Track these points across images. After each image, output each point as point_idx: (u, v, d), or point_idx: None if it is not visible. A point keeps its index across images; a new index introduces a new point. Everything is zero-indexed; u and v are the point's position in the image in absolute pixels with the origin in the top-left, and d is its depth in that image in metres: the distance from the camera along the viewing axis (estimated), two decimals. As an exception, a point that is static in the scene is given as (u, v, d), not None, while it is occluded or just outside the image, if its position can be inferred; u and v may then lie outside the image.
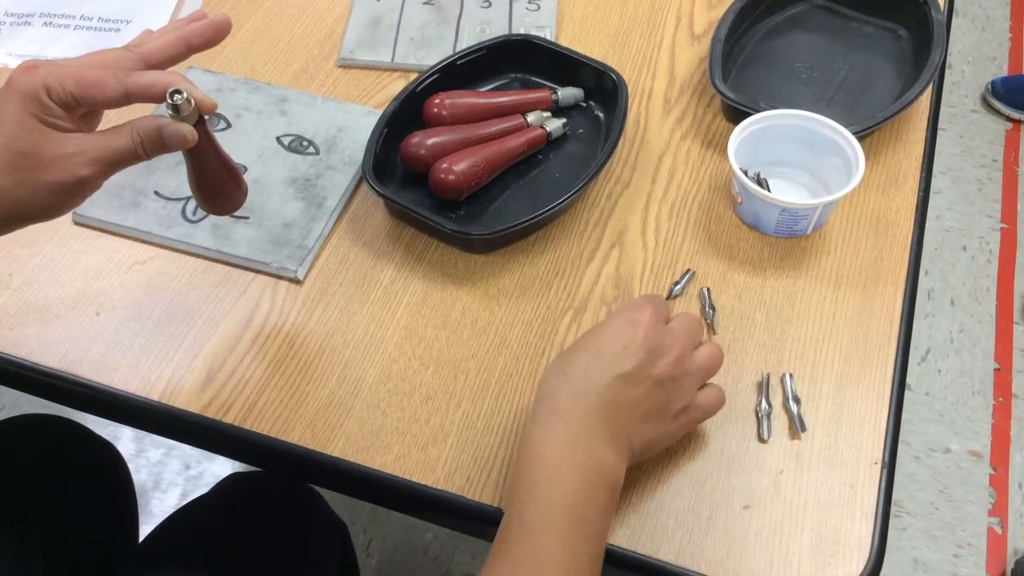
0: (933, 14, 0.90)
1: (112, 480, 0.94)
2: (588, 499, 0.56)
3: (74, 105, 0.56)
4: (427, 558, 1.53)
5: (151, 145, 0.58)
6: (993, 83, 2.17)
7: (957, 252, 1.95)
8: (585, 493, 0.56)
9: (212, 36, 0.62)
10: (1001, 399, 1.75)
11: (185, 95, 0.57)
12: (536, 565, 0.54)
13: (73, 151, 0.56)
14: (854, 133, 0.79)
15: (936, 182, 2.05)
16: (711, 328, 0.75)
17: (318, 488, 0.91)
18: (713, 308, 0.76)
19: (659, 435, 0.63)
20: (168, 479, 1.63)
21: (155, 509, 1.59)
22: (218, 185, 0.65)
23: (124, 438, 1.65)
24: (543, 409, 0.60)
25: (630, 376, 0.60)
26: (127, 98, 0.57)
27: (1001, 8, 2.42)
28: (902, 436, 1.67)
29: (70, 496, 0.87)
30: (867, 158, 0.79)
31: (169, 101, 0.57)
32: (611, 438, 0.59)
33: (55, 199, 0.57)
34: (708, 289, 0.77)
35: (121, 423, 0.75)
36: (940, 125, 2.14)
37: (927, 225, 0.84)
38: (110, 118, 0.62)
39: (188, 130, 0.58)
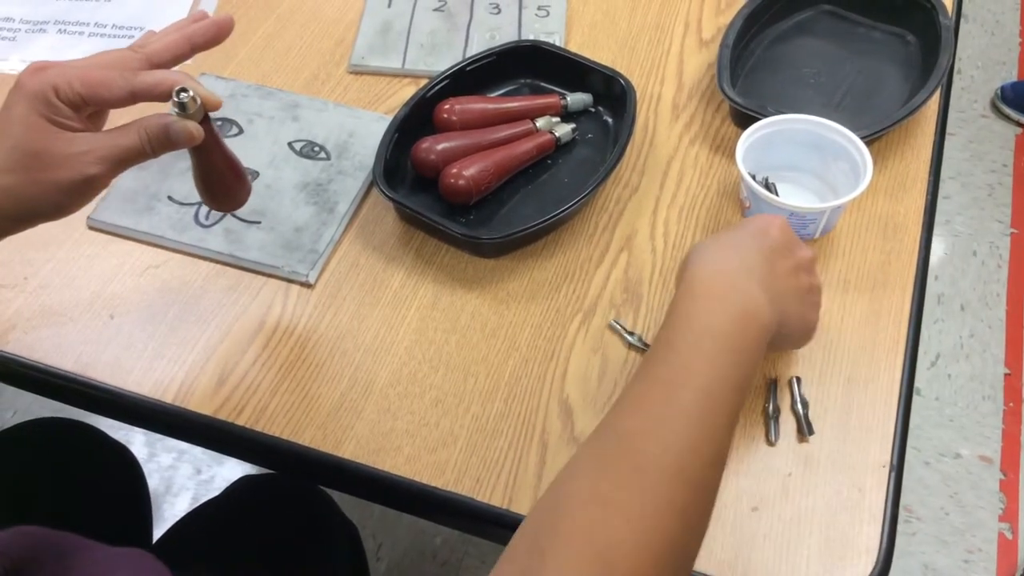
0: (941, 19, 0.90)
1: (126, 482, 0.95)
2: (739, 330, 0.56)
3: (82, 105, 0.57)
4: (436, 563, 1.54)
5: (158, 143, 0.59)
6: (1003, 88, 2.17)
7: (967, 257, 1.94)
8: (737, 324, 0.56)
9: (215, 35, 0.62)
10: (1011, 404, 1.74)
11: (191, 93, 0.58)
12: (678, 379, 0.53)
13: (82, 150, 0.57)
14: (862, 138, 0.79)
15: (946, 187, 2.04)
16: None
17: (329, 491, 0.92)
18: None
19: (797, 313, 0.64)
20: (179, 483, 1.63)
21: (166, 513, 1.60)
22: (223, 182, 0.66)
23: (136, 443, 1.66)
24: (696, 260, 0.60)
25: (774, 253, 0.62)
26: (133, 97, 0.58)
27: (1011, 13, 2.42)
28: (912, 441, 1.67)
29: (84, 498, 0.88)
30: (875, 163, 0.79)
31: (175, 99, 0.58)
32: (766, 287, 0.59)
33: (65, 198, 0.58)
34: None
35: (134, 425, 0.75)
36: (950, 130, 2.14)
37: (937, 230, 0.84)
38: (115, 118, 0.62)
39: (194, 127, 0.59)
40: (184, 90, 0.58)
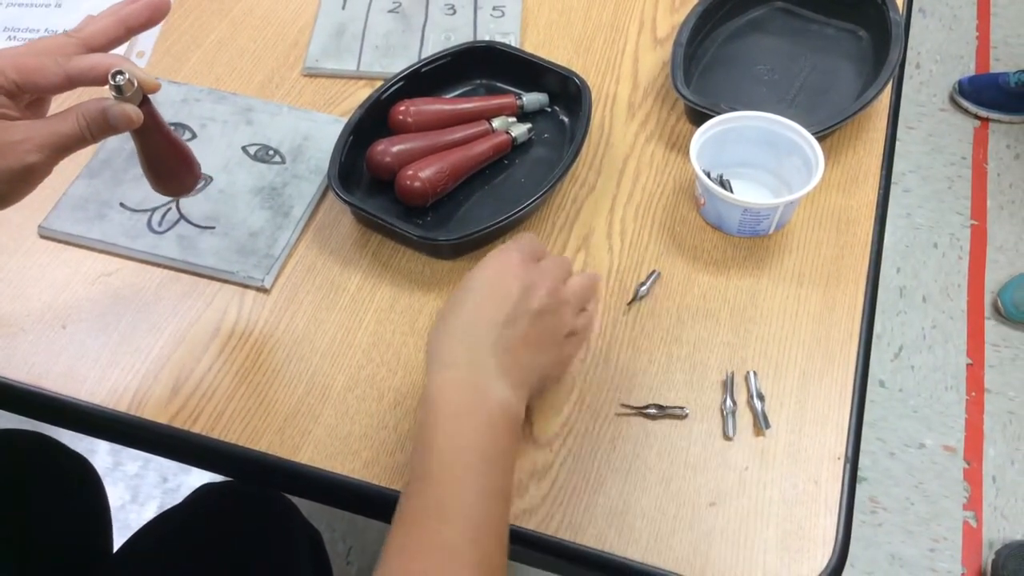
0: (891, 15, 0.91)
1: (84, 493, 0.94)
2: (489, 441, 0.57)
3: (17, 93, 0.57)
4: (407, 565, 1.53)
5: (97, 128, 0.58)
6: (960, 82, 2.19)
7: (928, 249, 1.96)
8: (485, 436, 0.57)
9: (150, 17, 0.62)
10: (973, 394, 1.76)
11: (127, 76, 0.57)
12: (439, 511, 0.54)
13: (19, 138, 0.56)
14: (814, 133, 0.80)
15: (906, 180, 2.07)
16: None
17: (292, 496, 0.91)
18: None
19: (551, 363, 0.65)
20: (145, 492, 1.62)
21: (132, 522, 1.58)
22: (168, 165, 0.65)
23: (100, 451, 1.64)
24: (435, 364, 0.61)
25: (511, 317, 0.61)
26: (69, 82, 0.57)
27: (968, 7, 2.45)
28: (877, 432, 1.69)
29: (41, 510, 0.87)
30: (828, 158, 0.80)
31: (112, 82, 0.57)
32: (506, 376, 0.60)
33: (5, 187, 0.57)
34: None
35: (89, 435, 0.75)
36: (910, 124, 2.17)
37: (898, 223, 0.85)
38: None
39: (133, 110, 0.58)
40: (120, 72, 0.57)
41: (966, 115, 2.20)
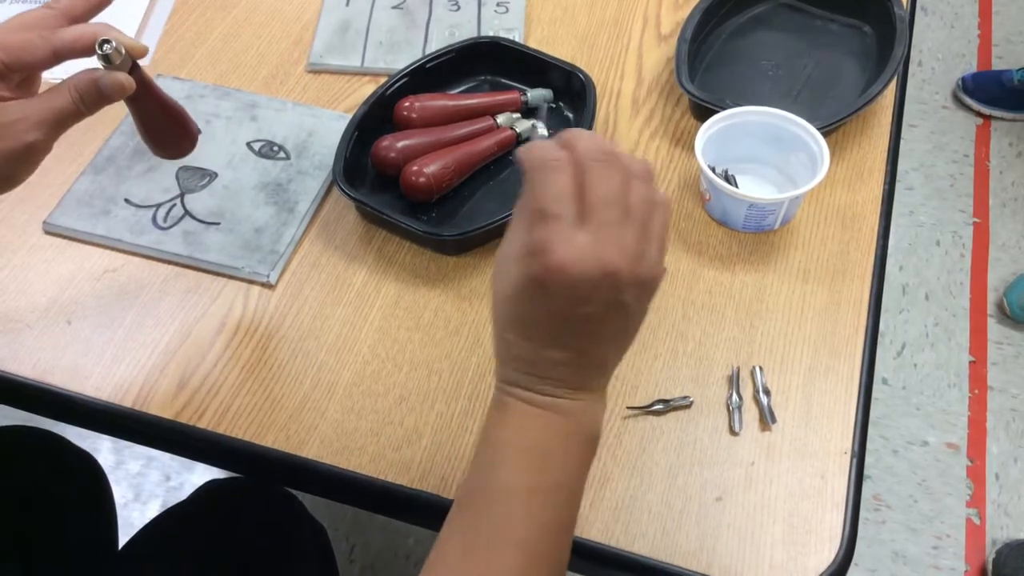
0: (896, 10, 0.91)
1: (90, 489, 0.93)
2: (577, 473, 0.52)
3: (6, 72, 0.56)
4: (410, 563, 1.53)
5: (91, 99, 0.58)
6: (963, 79, 2.19)
7: (931, 247, 1.96)
8: (582, 467, 0.52)
9: None
10: (976, 391, 1.76)
11: (114, 44, 0.57)
12: (499, 538, 0.49)
13: (15, 118, 0.56)
14: (819, 129, 0.80)
15: (909, 178, 2.07)
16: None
17: (298, 493, 0.91)
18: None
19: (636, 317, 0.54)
20: (148, 491, 1.62)
21: (135, 521, 1.57)
22: (164, 129, 0.65)
23: (103, 450, 1.64)
24: (532, 377, 0.51)
25: (630, 335, 0.53)
26: (56, 56, 0.57)
27: (969, 6, 2.45)
28: (880, 430, 1.69)
29: (47, 506, 0.87)
30: (833, 153, 0.80)
31: (99, 52, 0.57)
32: (604, 397, 0.54)
33: (8, 168, 0.57)
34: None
35: (94, 430, 0.74)
36: (912, 122, 2.17)
37: (901, 221, 0.85)
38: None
39: (124, 78, 0.58)
40: (107, 41, 0.57)
41: (968, 113, 2.19)
